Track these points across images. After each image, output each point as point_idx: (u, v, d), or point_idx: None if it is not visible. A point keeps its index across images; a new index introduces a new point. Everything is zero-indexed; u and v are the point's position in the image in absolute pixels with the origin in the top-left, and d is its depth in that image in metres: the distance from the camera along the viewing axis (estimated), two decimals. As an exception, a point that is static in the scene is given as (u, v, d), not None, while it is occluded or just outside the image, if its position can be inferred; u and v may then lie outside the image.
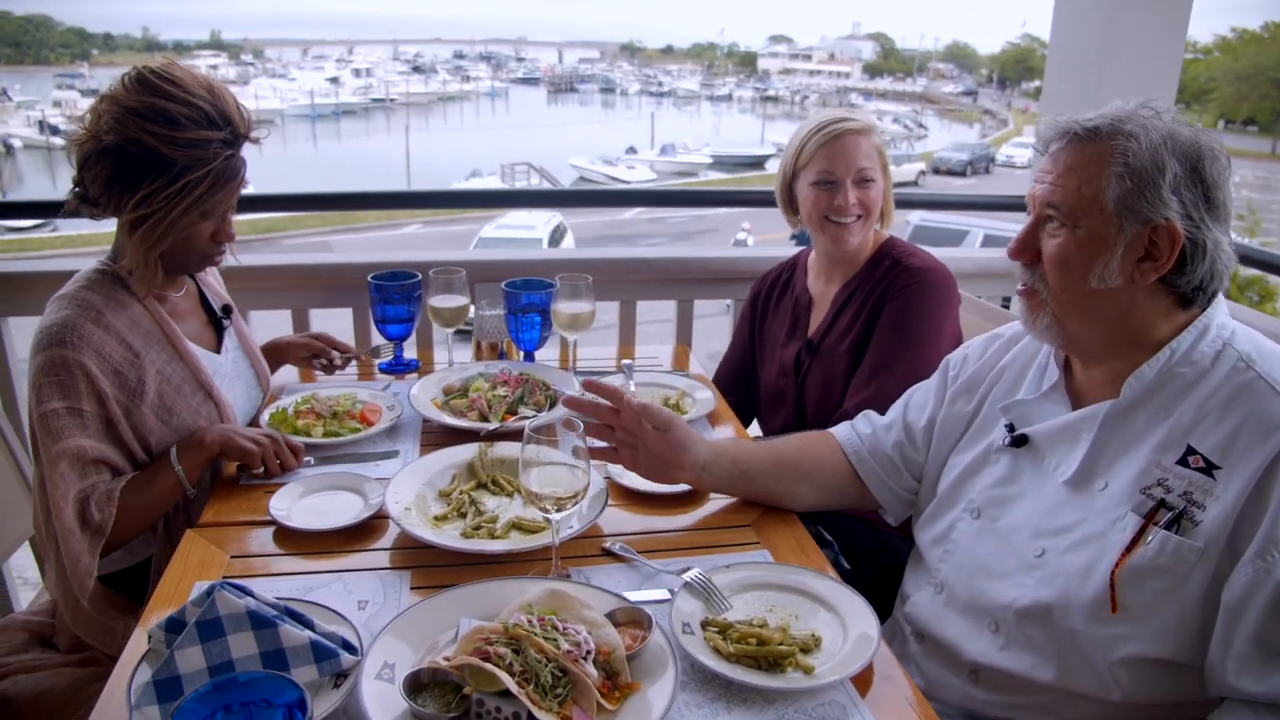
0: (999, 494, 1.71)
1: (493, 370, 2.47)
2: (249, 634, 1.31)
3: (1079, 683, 1.52)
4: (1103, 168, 1.48)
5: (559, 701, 1.27)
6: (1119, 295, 1.51)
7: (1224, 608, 1.39)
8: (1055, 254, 1.55)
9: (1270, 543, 1.35)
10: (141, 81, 1.92)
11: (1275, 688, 1.34)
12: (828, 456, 2.00)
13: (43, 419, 1.87)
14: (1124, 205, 1.47)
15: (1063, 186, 1.53)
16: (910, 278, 2.36)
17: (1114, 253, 1.49)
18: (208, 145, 1.92)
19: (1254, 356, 1.48)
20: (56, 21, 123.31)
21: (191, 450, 1.98)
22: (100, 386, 1.90)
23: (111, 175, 1.93)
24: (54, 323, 1.92)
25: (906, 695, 1.42)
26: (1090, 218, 1.50)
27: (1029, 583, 1.58)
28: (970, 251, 3.82)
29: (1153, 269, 1.49)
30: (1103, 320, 1.54)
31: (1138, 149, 1.46)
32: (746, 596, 1.61)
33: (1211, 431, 1.45)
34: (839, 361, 2.44)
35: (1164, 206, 1.46)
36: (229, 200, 2.01)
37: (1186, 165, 1.47)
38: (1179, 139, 1.48)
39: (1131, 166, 1.46)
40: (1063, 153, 1.55)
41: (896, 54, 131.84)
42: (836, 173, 2.38)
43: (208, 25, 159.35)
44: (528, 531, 1.80)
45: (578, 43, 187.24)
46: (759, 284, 2.80)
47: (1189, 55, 62.19)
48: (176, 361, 2.07)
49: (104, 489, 1.89)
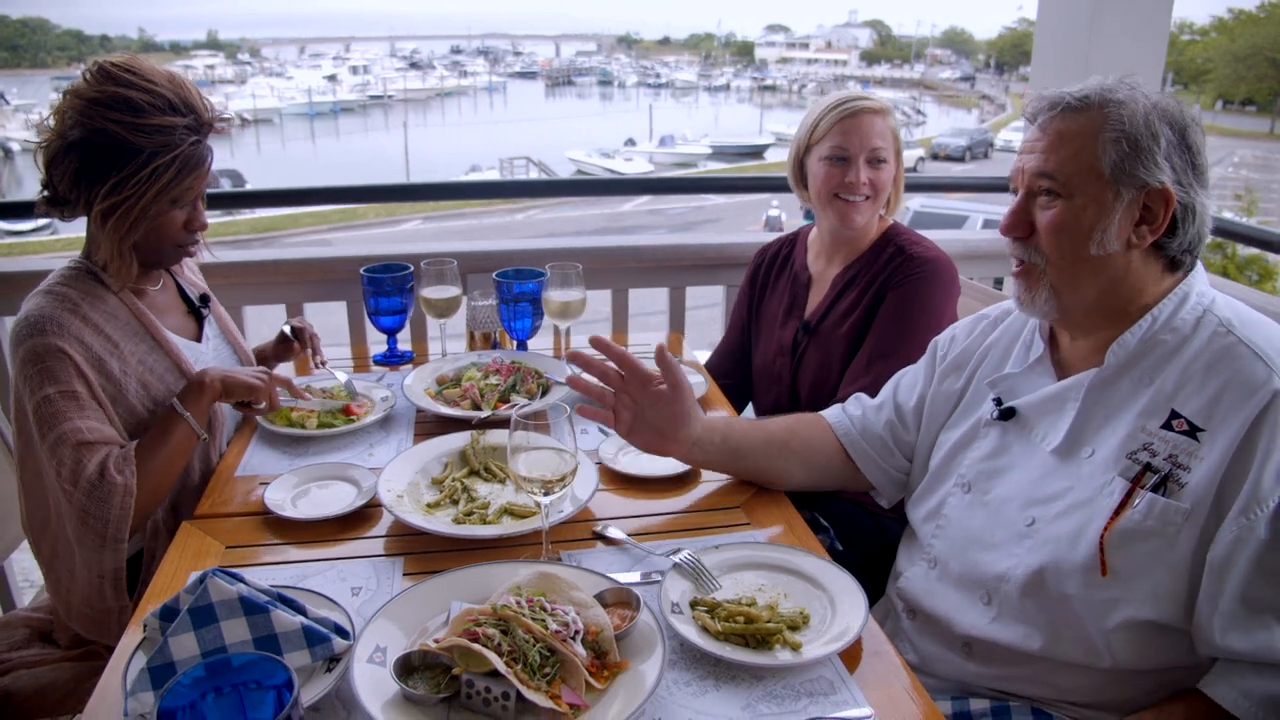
0: (989, 467, 1.73)
1: (485, 359, 2.49)
2: (241, 620, 1.32)
3: (1068, 651, 1.54)
4: (1097, 134, 1.51)
5: (547, 680, 1.29)
6: (1116, 260, 1.54)
7: (1209, 566, 1.41)
8: (1053, 223, 1.56)
9: (1253, 500, 1.37)
10: (103, 73, 1.94)
11: (1261, 644, 1.36)
12: (818, 437, 2.01)
13: (37, 408, 1.88)
14: (1120, 170, 1.49)
15: (1056, 154, 1.54)
16: (915, 266, 2.36)
17: (1112, 218, 1.51)
18: (173, 131, 1.93)
19: (1234, 322, 1.50)
20: (53, 24, 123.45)
21: (194, 395, 2.00)
22: (85, 371, 1.91)
23: (79, 169, 1.93)
24: (30, 314, 1.92)
25: (895, 669, 1.44)
26: (1087, 184, 1.52)
27: (1020, 552, 1.60)
28: (959, 234, 3.82)
29: (1149, 232, 1.52)
30: (1099, 286, 1.56)
31: (1131, 115, 1.49)
32: (735, 576, 1.63)
33: (1194, 395, 1.47)
34: (836, 345, 2.44)
35: (1159, 170, 1.49)
36: (198, 187, 2.02)
37: (1176, 131, 1.51)
38: (1165, 107, 1.51)
39: (1127, 132, 1.49)
40: (1053, 122, 1.56)
41: (893, 41, 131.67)
42: (850, 149, 2.36)
43: (204, 25, 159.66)
44: (519, 517, 1.82)
45: (574, 35, 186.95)
46: (759, 256, 2.78)
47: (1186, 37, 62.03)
48: (157, 351, 2.08)
49: (119, 454, 1.90)
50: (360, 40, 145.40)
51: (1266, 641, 1.36)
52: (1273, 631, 1.36)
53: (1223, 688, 1.39)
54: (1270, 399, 1.39)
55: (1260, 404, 1.40)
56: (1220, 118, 57.96)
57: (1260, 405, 1.40)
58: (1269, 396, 1.40)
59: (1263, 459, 1.38)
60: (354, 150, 51.04)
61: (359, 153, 48.71)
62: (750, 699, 1.35)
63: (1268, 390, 1.40)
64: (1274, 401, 1.39)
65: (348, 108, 70.15)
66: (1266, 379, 1.41)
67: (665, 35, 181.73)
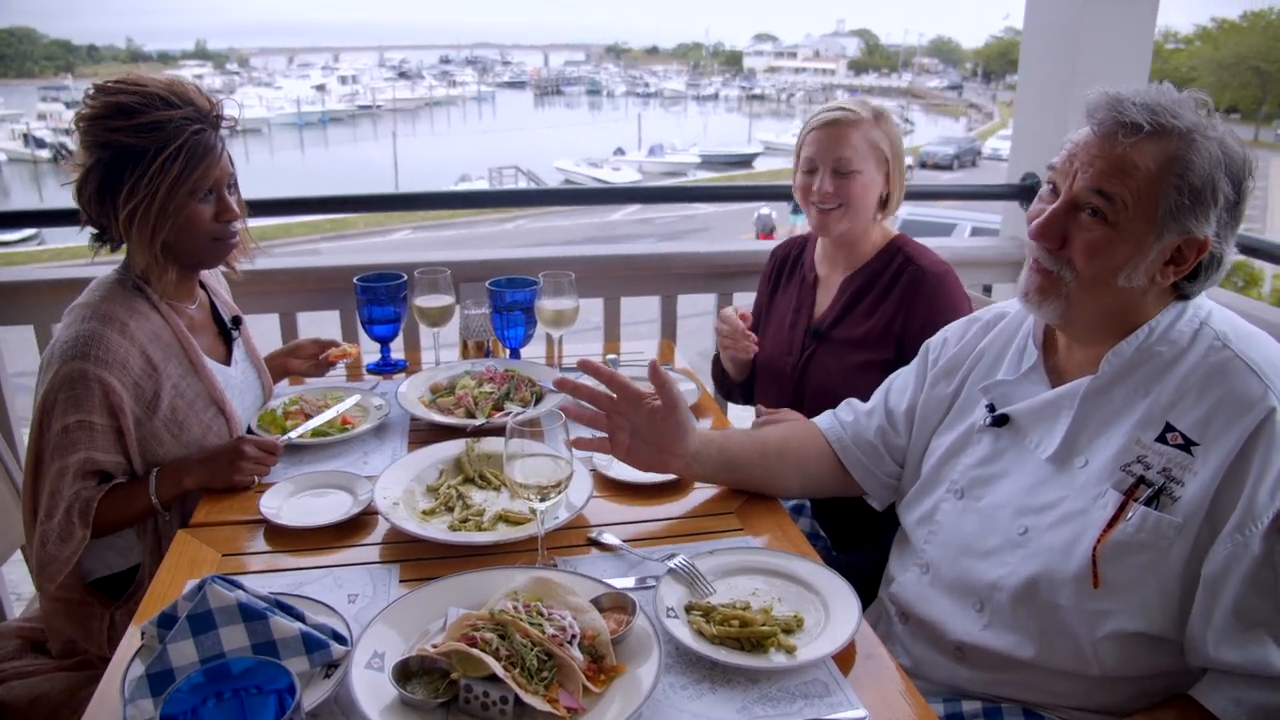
0: (981, 473, 1.74)
1: (479, 368, 2.50)
2: (240, 626, 1.33)
3: (1059, 659, 1.55)
4: (1164, 176, 1.46)
5: (545, 684, 1.30)
6: (1136, 290, 1.54)
7: (1204, 581, 1.42)
8: (1090, 245, 1.52)
9: (1248, 517, 1.38)
10: (98, 89, 1.98)
11: (1253, 657, 1.38)
12: (812, 445, 2.03)
13: (58, 435, 1.90)
14: (1172, 217, 1.47)
15: (1118, 181, 1.48)
16: (930, 282, 2.37)
17: (1148, 256, 1.50)
18: (169, 124, 1.95)
19: (1230, 336, 1.51)
20: (40, 34, 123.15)
21: (170, 484, 1.98)
22: (115, 400, 1.92)
23: (99, 187, 1.96)
24: (79, 335, 1.93)
25: (889, 672, 1.45)
26: (1136, 221, 1.48)
27: (1013, 560, 1.61)
28: (949, 241, 3.85)
29: (1174, 273, 1.52)
30: (1112, 308, 1.57)
31: (1199, 165, 1.45)
32: (730, 581, 1.64)
33: (1190, 409, 1.47)
34: (846, 354, 2.46)
35: (1206, 225, 1.48)
36: (212, 175, 2.02)
37: (1235, 187, 1.48)
38: (1232, 156, 1.47)
39: (1190, 183, 1.45)
40: (1122, 144, 1.48)
41: (881, 50, 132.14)
42: (816, 160, 2.42)
43: (193, 35, 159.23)
44: (514, 523, 1.82)
45: (563, 45, 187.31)
46: (774, 257, 2.81)
47: (1171, 45, 62.35)
48: (192, 375, 2.09)
49: (86, 496, 1.93)
50: (349, 50, 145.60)
51: (1259, 655, 1.38)
52: (1266, 646, 1.38)
53: (1215, 696, 1.41)
54: (1265, 416, 1.40)
55: (1255, 421, 1.40)
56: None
57: (1255, 422, 1.40)
58: (1264, 413, 1.40)
59: (1257, 476, 1.39)
60: (343, 160, 50.95)
61: (348, 163, 48.62)
62: (745, 701, 1.37)
63: (1263, 407, 1.41)
64: (1269, 418, 1.40)
65: (336, 118, 69.99)
66: (1262, 395, 1.42)
67: (653, 45, 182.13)
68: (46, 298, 2.88)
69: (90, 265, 2.54)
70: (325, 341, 2.62)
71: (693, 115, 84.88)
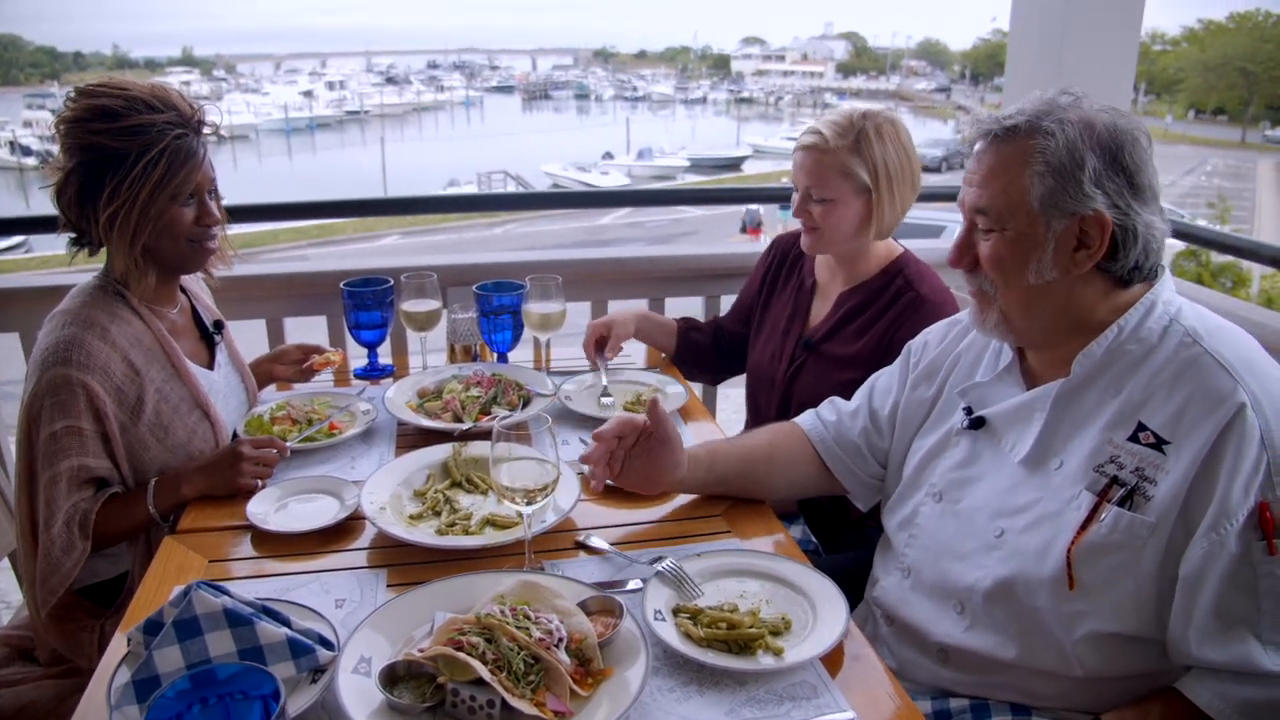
0: (959, 476, 1.74)
1: (466, 372, 2.50)
2: (226, 632, 1.33)
3: (1041, 660, 1.56)
4: (1024, 168, 1.52)
5: (532, 688, 1.30)
6: (1058, 286, 1.55)
7: (1182, 581, 1.42)
8: (990, 256, 1.59)
9: (1222, 515, 1.38)
10: (79, 92, 1.98)
11: (1236, 655, 1.38)
12: (796, 449, 2.03)
13: (45, 442, 1.90)
14: (1048, 203, 1.51)
15: (988, 190, 1.57)
16: (926, 309, 2.30)
17: (1046, 248, 1.53)
18: (152, 127, 1.95)
19: (1200, 332, 1.51)
20: (26, 41, 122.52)
21: (168, 494, 1.98)
22: (100, 405, 1.92)
23: (79, 190, 1.96)
24: (59, 340, 1.92)
25: (876, 672, 1.46)
26: (1017, 218, 1.54)
27: (989, 563, 1.61)
28: (938, 243, 3.86)
29: (1087, 257, 1.53)
30: (1047, 312, 1.58)
31: (1055, 146, 1.50)
32: (717, 583, 1.65)
33: (1161, 407, 1.48)
34: (834, 371, 2.43)
35: (1088, 199, 1.50)
36: (193, 180, 2.01)
37: (1106, 156, 1.50)
38: (1096, 129, 1.51)
39: (1051, 164, 1.50)
40: (985, 154, 1.58)
41: (869, 53, 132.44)
42: (796, 182, 2.42)
43: (179, 42, 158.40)
44: (502, 527, 1.83)
45: (551, 49, 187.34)
46: (774, 249, 2.76)
47: (1158, 47, 62.73)
48: (175, 380, 2.08)
49: (85, 507, 1.92)
50: (336, 56, 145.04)
51: (1242, 653, 1.38)
52: (1248, 643, 1.38)
53: (1200, 689, 1.41)
54: (1235, 412, 1.40)
55: (1225, 417, 1.40)
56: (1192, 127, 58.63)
57: (1225, 418, 1.40)
58: (1234, 409, 1.40)
59: (1229, 473, 1.39)
60: (331, 166, 50.81)
61: (336, 168, 48.48)
62: (733, 704, 1.37)
63: (1233, 403, 1.40)
64: (1239, 414, 1.39)
65: (324, 123, 69.83)
66: (1232, 391, 1.42)
67: (641, 49, 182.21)
68: (33, 305, 2.86)
69: (77, 273, 2.53)
70: (310, 346, 2.62)
71: (681, 119, 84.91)
